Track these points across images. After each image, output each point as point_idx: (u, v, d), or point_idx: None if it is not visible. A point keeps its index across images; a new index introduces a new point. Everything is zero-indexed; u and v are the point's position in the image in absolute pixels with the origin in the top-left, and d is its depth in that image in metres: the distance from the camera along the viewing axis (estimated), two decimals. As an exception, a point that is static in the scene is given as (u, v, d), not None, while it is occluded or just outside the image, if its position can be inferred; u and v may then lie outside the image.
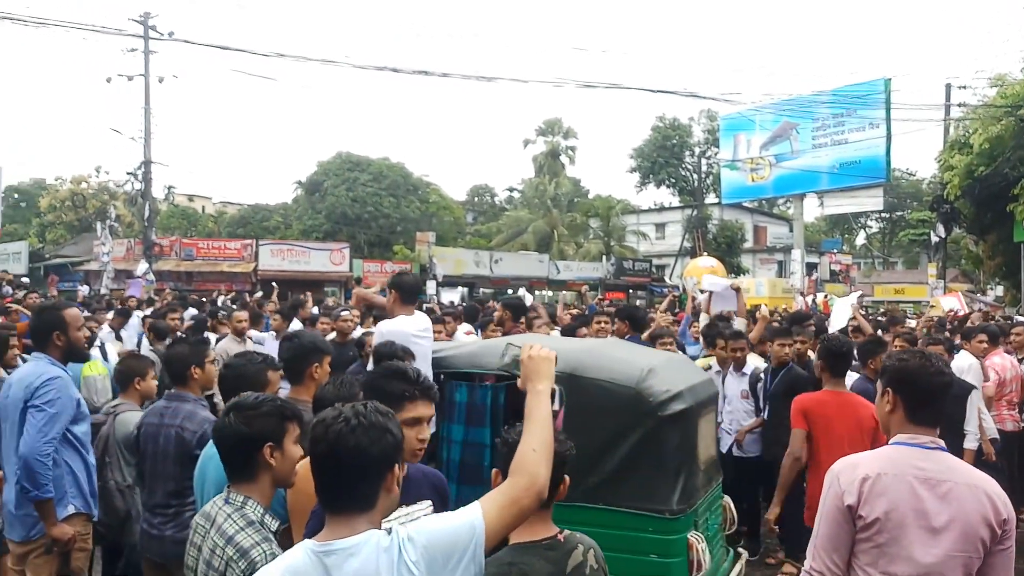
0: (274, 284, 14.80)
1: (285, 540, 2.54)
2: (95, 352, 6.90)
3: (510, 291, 26.83)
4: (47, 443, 3.77)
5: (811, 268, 39.18)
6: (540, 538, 2.33)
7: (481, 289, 34.32)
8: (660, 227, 51.18)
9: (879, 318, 13.45)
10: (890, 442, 2.55)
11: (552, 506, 2.39)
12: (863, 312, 9.50)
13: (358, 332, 7.90)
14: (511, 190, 58.19)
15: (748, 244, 47.74)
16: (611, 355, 4.33)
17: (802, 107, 31.12)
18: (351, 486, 1.83)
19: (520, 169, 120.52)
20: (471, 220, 52.96)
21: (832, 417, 4.69)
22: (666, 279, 42.40)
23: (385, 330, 4.80)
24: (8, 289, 17.57)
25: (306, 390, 3.56)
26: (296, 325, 9.06)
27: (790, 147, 32.68)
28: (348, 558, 1.76)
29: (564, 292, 36.39)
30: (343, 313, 8.20)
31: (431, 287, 27.97)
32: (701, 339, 7.89)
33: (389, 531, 1.81)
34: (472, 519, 1.84)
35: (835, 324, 9.58)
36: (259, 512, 2.38)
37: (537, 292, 32.81)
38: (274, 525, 2.40)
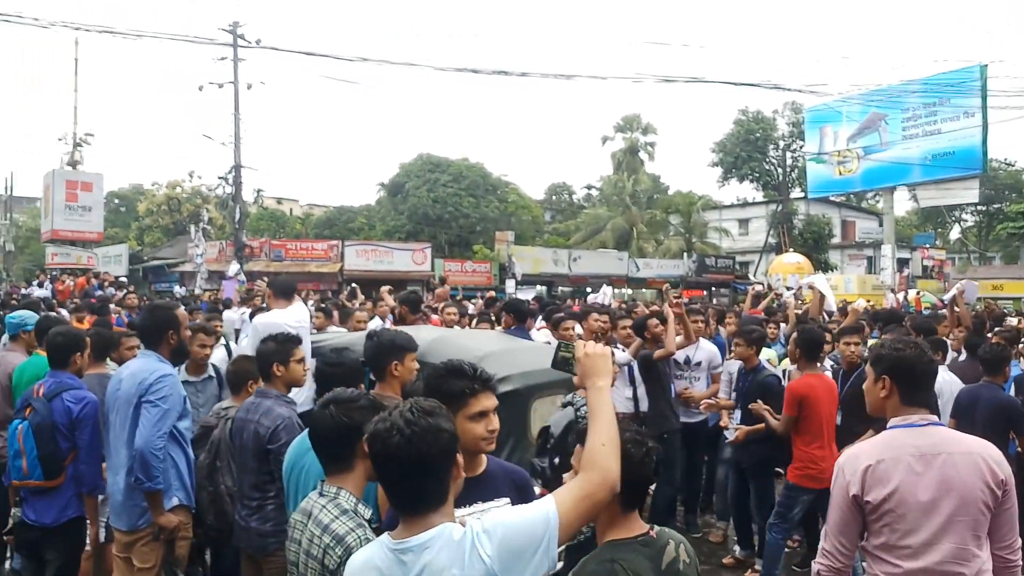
0: (354, 284, 15.17)
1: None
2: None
3: (588, 289, 26.80)
4: (160, 437, 3.93)
5: (902, 264, 37.70)
6: (635, 535, 2.36)
7: (560, 288, 34.35)
8: (743, 223, 50.11)
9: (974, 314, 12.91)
10: (887, 427, 2.77)
11: (641, 505, 2.44)
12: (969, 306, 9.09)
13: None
14: (589, 188, 57.97)
15: (836, 240, 46.30)
16: (456, 342, 5.06)
17: (891, 97, 30.10)
18: (422, 489, 1.88)
19: (598, 166, 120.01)
20: (549, 219, 52.95)
21: (820, 399, 5.44)
22: (750, 276, 41.50)
23: (261, 322, 5.63)
24: (111, 290, 18.54)
25: (390, 387, 3.65)
26: (376, 323, 9.33)
27: (879, 139, 31.64)
28: (422, 553, 1.81)
29: (644, 290, 36.13)
30: (356, 312, 8.41)
31: (510, 286, 28.16)
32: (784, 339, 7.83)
33: (464, 524, 1.85)
34: (547, 512, 1.85)
35: None
36: (352, 501, 2.47)
37: (616, 290, 32.66)
38: (367, 513, 2.48)
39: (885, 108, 30.82)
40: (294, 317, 5.54)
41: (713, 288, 38.86)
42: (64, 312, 11.38)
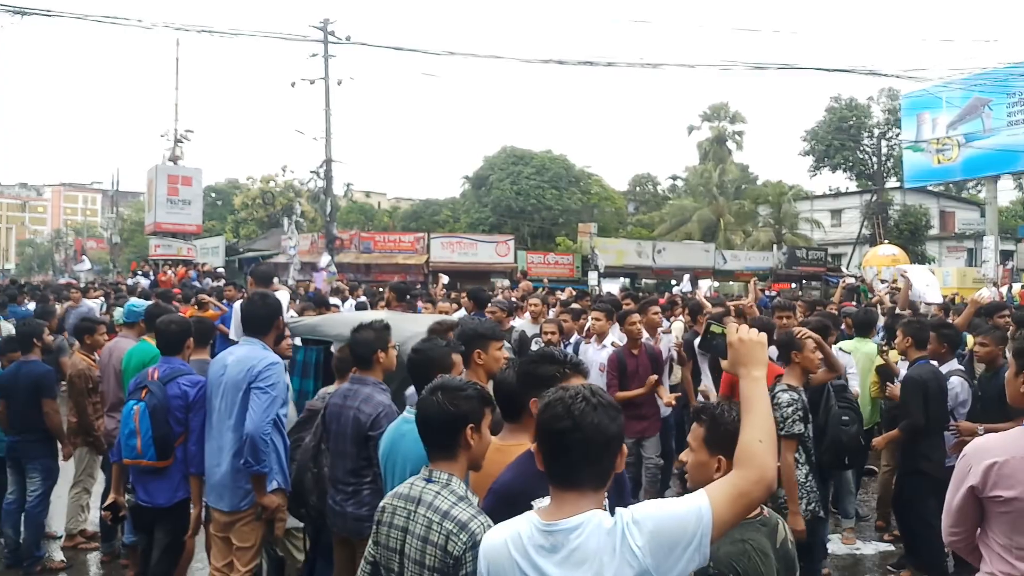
0: (440, 275, 15.50)
1: None
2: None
3: (673, 281, 26.56)
4: (268, 423, 4.07)
5: (1006, 256, 35.91)
6: (754, 515, 2.40)
7: (644, 280, 34.09)
8: (836, 213, 48.50)
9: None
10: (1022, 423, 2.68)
11: None
12: None
13: (520, 323, 8.33)
14: (674, 178, 57.11)
15: (934, 231, 44.37)
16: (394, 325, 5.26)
17: (996, 81, 28.58)
18: (592, 462, 1.85)
19: (684, 156, 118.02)
20: (633, 210, 52.46)
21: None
22: (843, 269, 40.21)
23: (241, 304, 6.00)
24: (208, 281, 19.41)
25: (475, 375, 3.74)
26: (461, 313, 9.58)
27: (982, 125, 30.15)
28: (571, 537, 1.78)
29: (731, 283, 35.50)
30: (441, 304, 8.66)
31: (593, 278, 28.13)
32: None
33: (611, 512, 1.84)
34: (700, 508, 1.79)
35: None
36: (463, 488, 2.49)
37: (702, 282, 32.20)
38: (475, 501, 2.49)
39: (989, 93, 29.33)
40: None
41: (804, 281, 37.82)
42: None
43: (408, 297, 9.44)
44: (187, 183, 34.66)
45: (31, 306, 12.52)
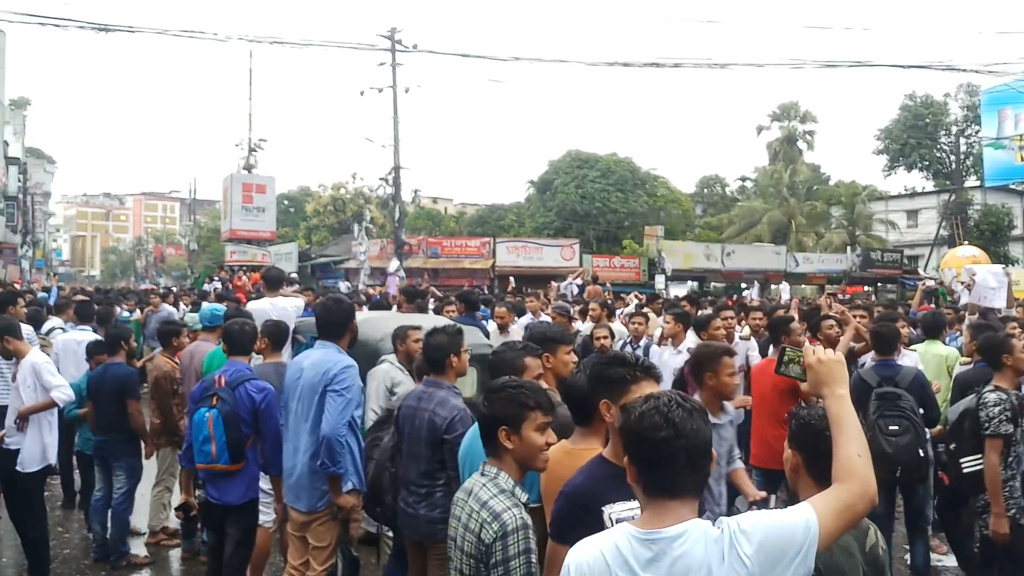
0: (511, 279, 15.59)
1: (535, 520, 2.67)
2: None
3: (743, 285, 26.09)
4: (344, 425, 4.15)
5: (1096, 257, 34.29)
6: None
7: (712, 283, 33.60)
8: (912, 214, 46.93)
9: None
10: None
11: None
12: None
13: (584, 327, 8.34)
14: (743, 179, 56.18)
15: (1017, 231, 42.50)
16: (374, 323, 6.05)
17: (1084, 74, 27.35)
18: (693, 470, 1.83)
19: (753, 157, 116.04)
20: (700, 212, 51.77)
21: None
22: (920, 271, 38.92)
23: (252, 307, 7.20)
24: (286, 288, 19.78)
25: (544, 378, 3.71)
26: (527, 318, 9.65)
27: (1069, 120, 28.89)
28: (674, 546, 1.76)
29: (804, 286, 34.70)
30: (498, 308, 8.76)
31: (659, 281, 27.86)
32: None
33: (715, 522, 1.83)
34: (807, 519, 1.79)
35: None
36: (510, 483, 2.55)
37: (773, 286, 31.55)
38: (523, 497, 2.55)
39: (1076, 86, 28.10)
40: (278, 304, 6.99)
41: (879, 284, 36.72)
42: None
43: (418, 300, 10.28)
44: (261, 191, 35.58)
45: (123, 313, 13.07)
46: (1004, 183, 37.33)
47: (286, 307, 7.01)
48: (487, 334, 7.89)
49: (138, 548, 6.30)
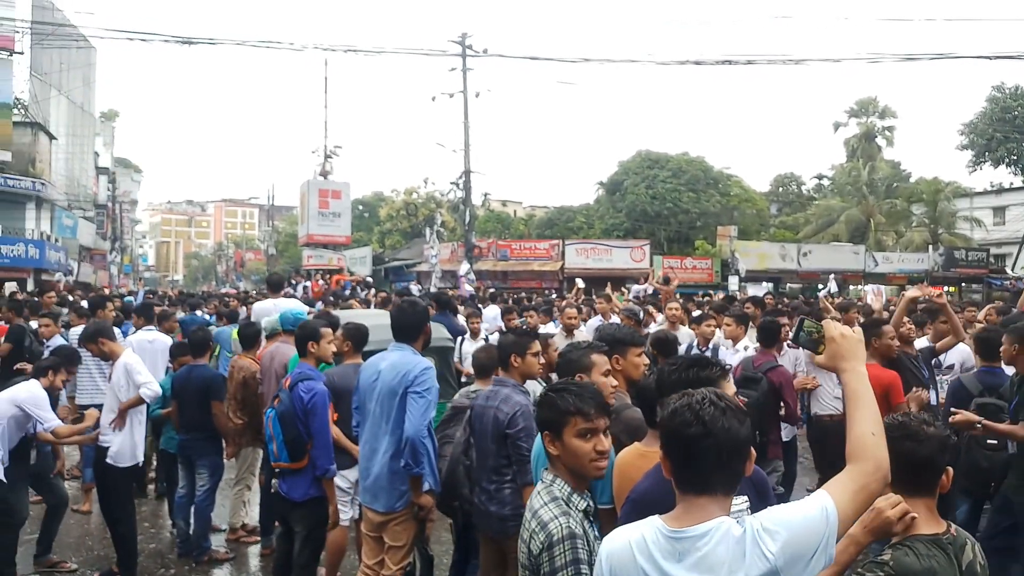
0: (578, 281, 15.51)
1: (608, 522, 2.68)
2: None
3: (820, 285, 25.43)
4: (425, 425, 4.23)
5: None
6: (940, 532, 2.27)
7: (788, 284, 32.84)
8: (999, 211, 44.97)
9: None
10: None
11: (933, 493, 2.33)
12: None
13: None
14: (820, 178, 54.71)
15: (1114, 227, 40.38)
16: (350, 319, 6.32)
17: None
18: (723, 468, 1.82)
19: (830, 155, 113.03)
20: (775, 212, 50.64)
21: None
22: (1007, 270, 37.31)
23: (257, 307, 8.53)
24: (359, 290, 20.24)
25: (614, 379, 3.72)
26: (597, 320, 9.63)
27: None
28: (698, 544, 1.76)
29: (883, 286, 33.61)
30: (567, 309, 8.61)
31: (733, 283, 27.37)
32: None
33: (738, 520, 1.82)
34: (824, 507, 1.78)
35: None
36: (566, 491, 2.45)
37: (852, 287, 30.63)
38: (582, 504, 2.46)
39: None
40: (281, 304, 7.93)
41: (963, 284, 35.30)
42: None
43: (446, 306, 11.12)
44: (337, 196, 36.40)
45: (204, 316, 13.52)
46: (1101, 177, 35.41)
47: (288, 307, 7.83)
48: (455, 331, 8.73)
49: (219, 544, 6.52)
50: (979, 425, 4.71)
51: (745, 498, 2.58)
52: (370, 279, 26.63)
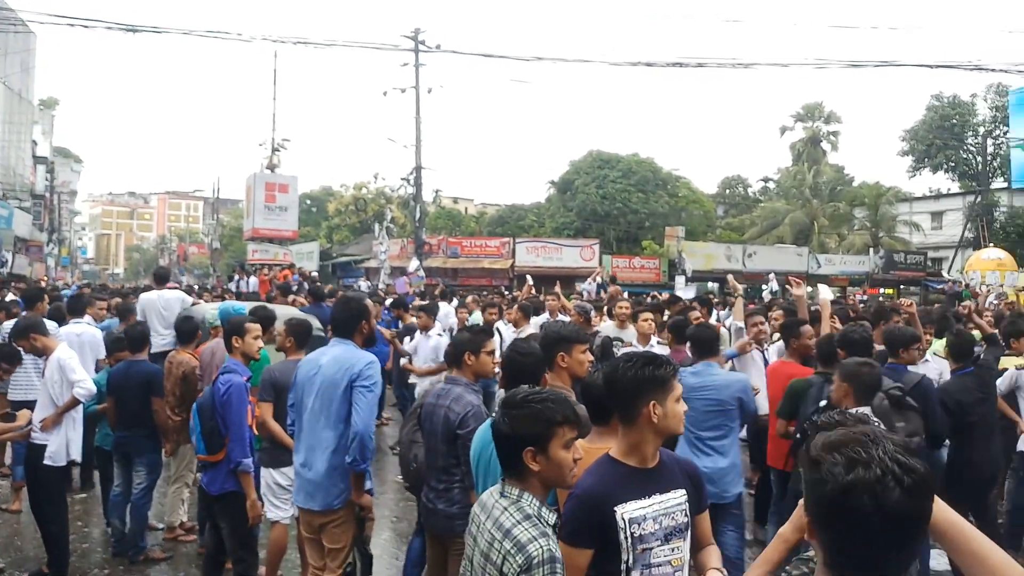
0: (528, 279, 15.52)
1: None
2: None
3: (764, 286, 25.90)
4: (374, 420, 4.15)
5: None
6: None
7: (733, 285, 33.35)
8: (936, 216, 46.38)
9: None
10: None
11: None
12: None
13: (605, 327, 8.31)
14: (766, 180, 55.83)
15: (1046, 233, 41.97)
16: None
17: (1117, 74, 26.88)
18: (896, 553, 1.47)
19: (776, 158, 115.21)
20: (722, 213, 51.47)
21: None
22: (944, 274, 38.48)
23: (143, 299, 9.14)
24: (306, 286, 19.94)
25: (559, 378, 3.73)
26: (544, 317, 9.65)
27: (1100, 121, 28.43)
28: None
29: (821, 286, 34.35)
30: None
31: (679, 282, 27.69)
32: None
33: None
34: None
35: None
36: (535, 506, 2.31)
37: (821, 287, 31.19)
38: (552, 519, 2.32)
39: (1108, 86, 27.64)
40: (164, 296, 8.84)
41: (901, 286, 36.34)
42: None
43: (291, 294, 12.36)
44: (284, 190, 35.75)
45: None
46: (1032, 185, 36.81)
47: (170, 299, 8.92)
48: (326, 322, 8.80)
49: (156, 543, 6.35)
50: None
51: (683, 491, 2.62)
52: (316, 274, 26.29)
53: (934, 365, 6.50)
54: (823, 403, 4.65)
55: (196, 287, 24.69)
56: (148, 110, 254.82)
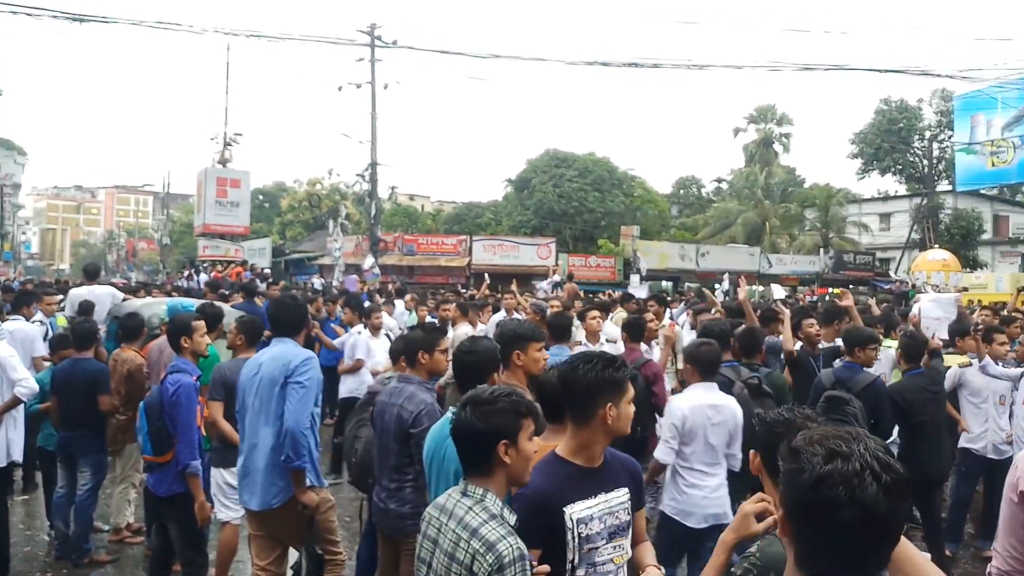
0: (486, 276, 15.52)
1: None
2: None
3: (716, 285, 26.25)
4: (307, 416, 4.10)
5: (1063, 261, 34.89)
6: None
7: (687, 284, 33.77)
8: (885, 217, 47.56)
9: None
10: None
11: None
12: None
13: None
14: (719, 181, 56.60)
15: (987, 235, 43.24)
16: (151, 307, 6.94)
17: (1056, 81, 27.82)
18: (881, 553, 1.47)
19: (729, 159, 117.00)
20: (676, 213, 52.00)
21: None
22: (891, 274, 39.42)
23: (73, 294, 9.34)
24: (259, 283, 19.65)
25: (515, 376, 3.73)
26: (500, 315, 9.65)
27: (1039, 127, 29.40)
28: None
29: (776, 286, 34.97)
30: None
31: (634, 281, 27.92)
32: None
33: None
34: None
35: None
36: (498, 505, 2.32)
37: (747, 287, 31.73)
38: (512, 519, 2.32)
39: (1047, 94, 28.57)
40: (96, 291, 8.91)
41: (850, 285, 37.11)
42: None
43: (220, 291, 12.77)
44: (235, 185, 35.22)
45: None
46: (975, 188, 37.93)
47: (101, 295, 9.09)
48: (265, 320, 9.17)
49: (101, 546, 6.20)
50: None
51: (625, 490, 2.63)
52: (268, 271, 25.93)
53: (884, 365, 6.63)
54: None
55: (146, 283, 24.16)
56: (96, 102, 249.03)
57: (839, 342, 6.24)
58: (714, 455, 4.51)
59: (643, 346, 6.68)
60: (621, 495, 2.61)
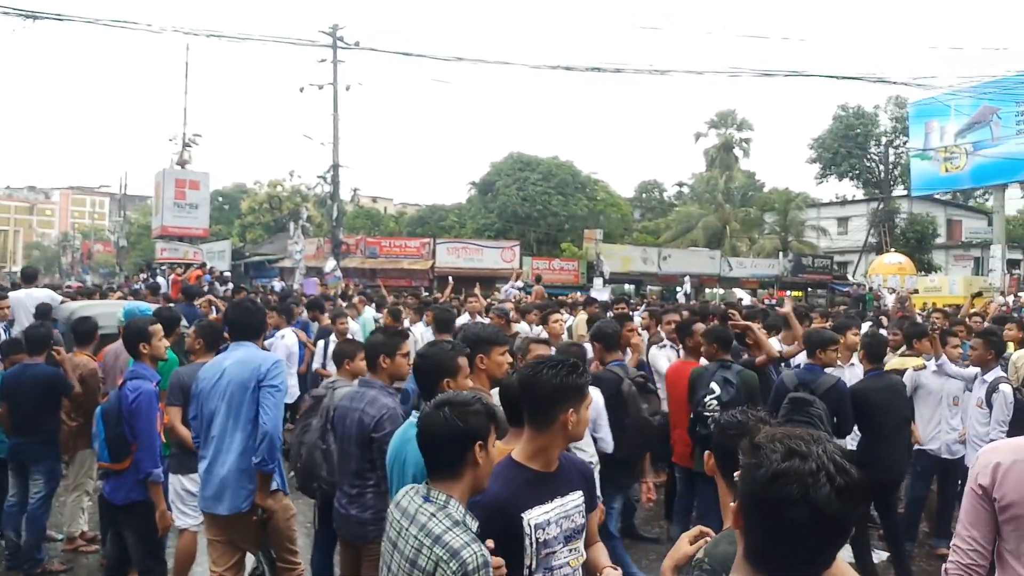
0: (450, 279, 15.47)
1: None
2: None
3: (678, 288, 26.51)
4: (281, 420, 4.11)
5: (1012, 265, 35.84)
6: None
7: (648, 287, 34.06)
8: (842, 221, 48.46)
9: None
10: None
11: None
12: None
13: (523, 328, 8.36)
14: (681, 185, 57.23)
15: (940, 239, 44.29)
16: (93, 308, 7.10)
17: (1005, 90, 28.53)
18: (827, 554, 1.49)
19: (690, 163, 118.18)
20: (639, 217, 52.44)
21: None
22: (849, 277, 40.17)
23: (12, 296, 9.03)
24: (218, 286, 19.41)
25: (478, 379, 3.71)
26: (465, 318, 9.64)
27: (990, 133, 30.17)
28: None
29: (736, 290, 35.40)
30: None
31: (597, 284, 28.06)
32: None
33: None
34: None
35: None
36: (461, 512, 2.31)
37: (708, 290, 32.11)
38: (474, 526, 2.31)
39: (998, 101, 29.27)
40: (35, 295, 8.92)
41: (809, 289, 37.76)
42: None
43: (159, 292, 13.06)
44: (194, 187, 34.66)
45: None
46: (929, 193, 38.77)
47: (40, 297, 8.98)
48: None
49: (54, 555, 6.05)
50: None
51: (580, 493, 2.64)
52: (228, 274, 25.58)
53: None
54: (712, 385, 5.26)
55: (103, 286, 23.68)
56: (50, 101, 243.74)
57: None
58: None
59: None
60: (576, 498, 2.62)
